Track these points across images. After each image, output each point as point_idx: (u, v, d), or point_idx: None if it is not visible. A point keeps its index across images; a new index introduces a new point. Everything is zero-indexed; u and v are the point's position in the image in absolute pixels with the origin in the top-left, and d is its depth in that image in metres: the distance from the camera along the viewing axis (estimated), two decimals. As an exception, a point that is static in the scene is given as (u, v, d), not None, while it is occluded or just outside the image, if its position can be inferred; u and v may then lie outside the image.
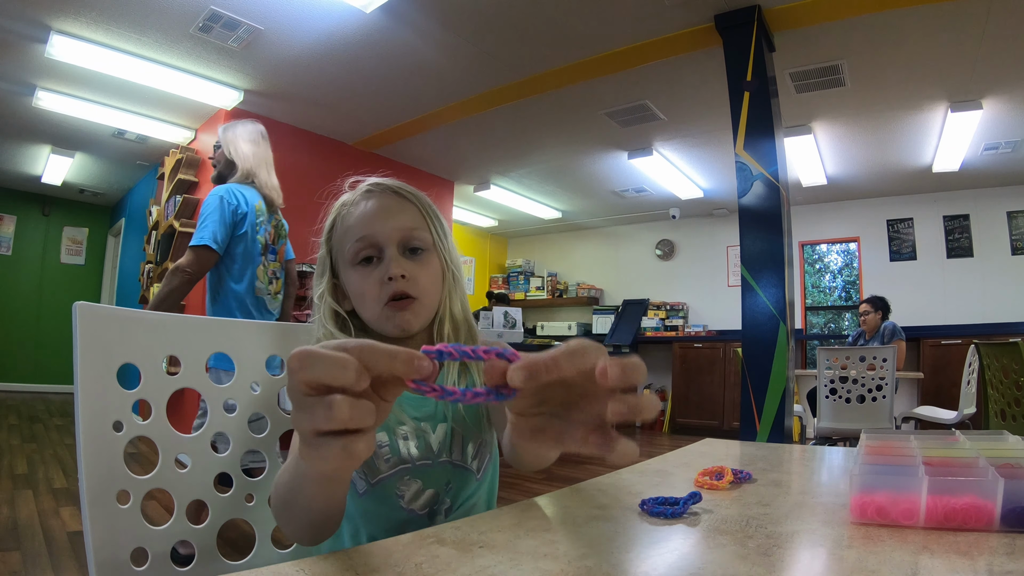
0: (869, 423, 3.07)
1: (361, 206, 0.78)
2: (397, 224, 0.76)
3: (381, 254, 0.75)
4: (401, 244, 0.76)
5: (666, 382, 6.80)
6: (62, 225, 7.47)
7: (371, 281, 0.74)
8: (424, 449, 0.75)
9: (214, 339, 0.77)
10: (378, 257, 0.75)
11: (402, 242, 0.76)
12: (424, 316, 0.77)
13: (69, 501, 2.73)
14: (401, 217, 0.77)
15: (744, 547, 0.45)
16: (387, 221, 0.76)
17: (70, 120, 4.59)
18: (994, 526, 0.48)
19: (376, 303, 0.74)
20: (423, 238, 0.78)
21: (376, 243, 0.75)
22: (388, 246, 0.75)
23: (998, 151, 4.67)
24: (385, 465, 0.73)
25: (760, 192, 3.06)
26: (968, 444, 0.67)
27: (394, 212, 0.77)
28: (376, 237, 0.75)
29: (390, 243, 0.75)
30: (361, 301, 0.76)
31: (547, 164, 5.52)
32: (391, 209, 0.78)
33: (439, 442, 0.76)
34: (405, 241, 0.76)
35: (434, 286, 0.78)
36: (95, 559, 0.61)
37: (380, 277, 0.74)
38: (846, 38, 3.27)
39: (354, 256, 0.76)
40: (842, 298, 6.52)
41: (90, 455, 0.62)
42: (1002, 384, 2.82)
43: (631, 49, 3.49)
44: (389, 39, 3.42)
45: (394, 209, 0.78)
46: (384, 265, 0.74)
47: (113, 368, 0.65)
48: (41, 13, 3.15)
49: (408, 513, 0.73)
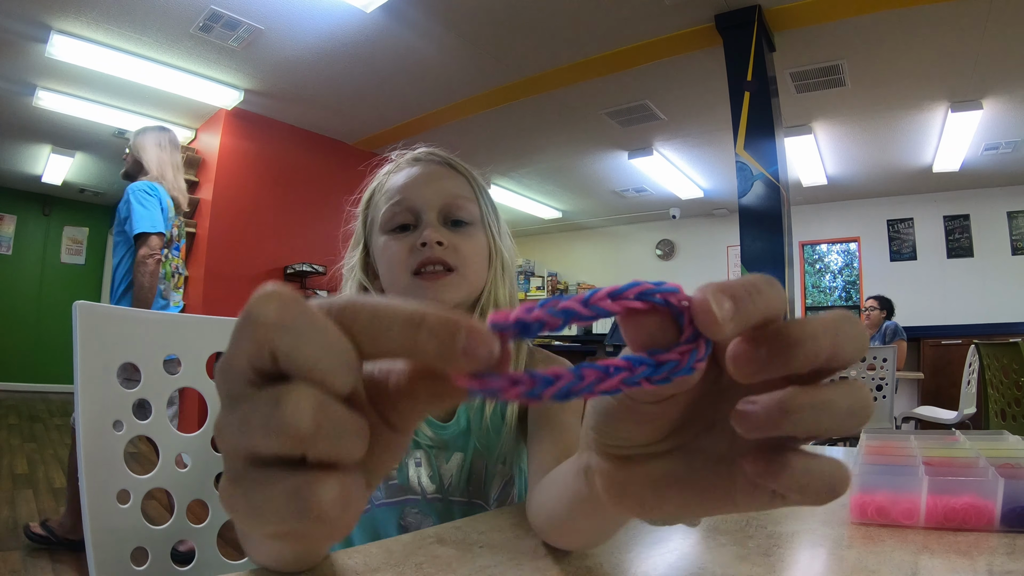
0: (869, 423, 3.06)
1: (404, 172, 0.68)
2: (441, 189, 0.66)
3: (418, 221, 0.64)
4: (443, 212, 0.65)
5: (666, 382, 6.79)
6: (62, 225, 7.47)
7: (401, 246, 0.63)
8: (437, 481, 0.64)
9: (214, 338, 0.77)
10: (415, 225, 0.65)
11: (444, 210, 0.65)
12: (464, 292, 0.64)
13: (69, 501, 2.73)
14: (446, 183, 0.67)
15: (744, 547, 0.45)
16: (430, 185, 0.66)
17: (70, 120, 4.59)
18: (994, 526, 0.48)
19: (404, 272, 0.62)
20: (470, 210, 0.67)
21: (414, 207, 0.64)
22: (427, 211, 0.64)
23: (998, 151, 4.66)
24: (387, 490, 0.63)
25: (760, 192, 3.06)
26: (968, 444, 0.66)
27: (439, 179, 0.67)
28: (414, 201, 0.64)
29: (430, 208, 0.64)
30: (389, 272, 0.65)
31: (547, 164, 5.52)
32: (436, 175, 0.68)
33: (452, 475, 0.64)
34: (448, 210, 0.65)
35: (479, 261, 0.66)
36: (95, 558, 0.61)
37: (412, 242, 0.63)
38: (846, 38, 3.27)
39: (388, 220, 0.65)
40: (842, 298, 6.51)
41: (90, 455, 0.62)
42: (1002, 384, 2.82)
43: (631, 49, 3.49)
44: (389, 39, 3.42)
45: (440, 176, 0.68)
46: (420, 230, 0.63)
47: (113, 367, 0.65)
48: (41, 13, 3.15)
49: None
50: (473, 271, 0.65)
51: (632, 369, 0.18)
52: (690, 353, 0.18)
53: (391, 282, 0.65)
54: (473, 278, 0.65)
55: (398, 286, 0.63)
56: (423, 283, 0.61)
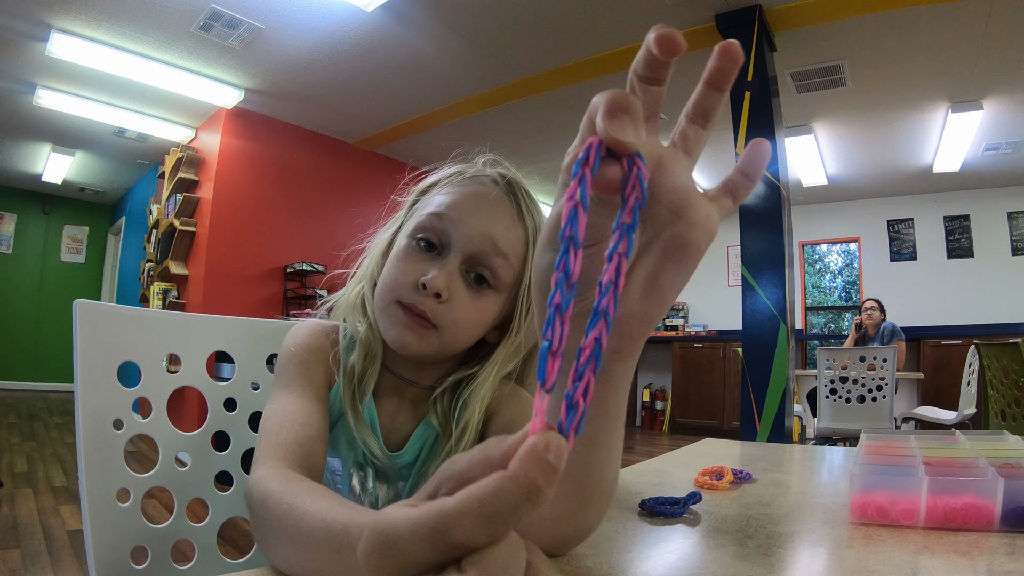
0: (869, 423, 3.07)
1: (470, 187, 0.59)
2: (485, 231, 0.56)
3: (444, 251, 0.57)
4: (470, 259, 0.56)
5: (666, 382, 6.79)
6: (62, 223, 7.47)
7: (410, 267, 0.56)
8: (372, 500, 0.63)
9: (215, 337, 0.77)
10: (439, 252, 0.57)
11: (474, 257, 0.56)
12: (434, 350, 0.57)
13: (69, 499, 2.73)
14: (497, 228, 0.57)
15: (744, 547, 0.45)
16: (478, 221, 0.56)
17: (71, 118, 4.59)
18: (994, 526, 0.48)
19: (390, 292, 0.56)
20: (500, 272, 0.57)
21: (447, 235, 0.56)
22: (455, 250, 0.56)
23: (999, 151, 4.67)
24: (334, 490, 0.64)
25: (761, 192, 3.06)
26: (968, 444, 0.66)
27: (494, 218, 0.57)
28: (453, 227, 0.56)
29: (460, 248, 0.56)
30: (384, 278, 0.58)
31: (548, 163, 5.48)
32: (495, 212, 0.57)
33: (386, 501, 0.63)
34: (477, 258, 0.56)
35: (470, 330, 0.58)
36: (95, 557, 0.61)
37: (420, 273, 0.55)
38: (847, 38, 3.27)
39: (419, 228, 0.57)
40: (842, 298, 6.52)
41: (90, 453, 0.62)
42: (1002, 384, 2.82)
43: (632, 49, 3.49)
44: (390, 38, 3.42)
45: (498, 215, 0.57)
46: (436, 267, 0.55)
47: (113, 366, 0.65)
48: (42, 11, 3.15)
49: None
50: (454, 336, 0.57)
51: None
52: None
53: (381, 287, 0.59)
54: (451, 341, 0.57)
55: (381, 299, 0.58)
56: (399, 316, 0.56)
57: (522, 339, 0.61)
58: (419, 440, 0.62)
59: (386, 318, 0.57)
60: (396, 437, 0.62)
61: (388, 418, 0.63)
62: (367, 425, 0.61)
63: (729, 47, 0.27)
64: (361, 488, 0.64)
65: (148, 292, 4.91)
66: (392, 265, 0.58)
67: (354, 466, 0.63)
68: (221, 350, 0.77)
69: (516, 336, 0.60)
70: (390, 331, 0.57)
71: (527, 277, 0.59)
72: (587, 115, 0.26)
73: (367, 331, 0.62)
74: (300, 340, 0.62)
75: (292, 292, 4.68)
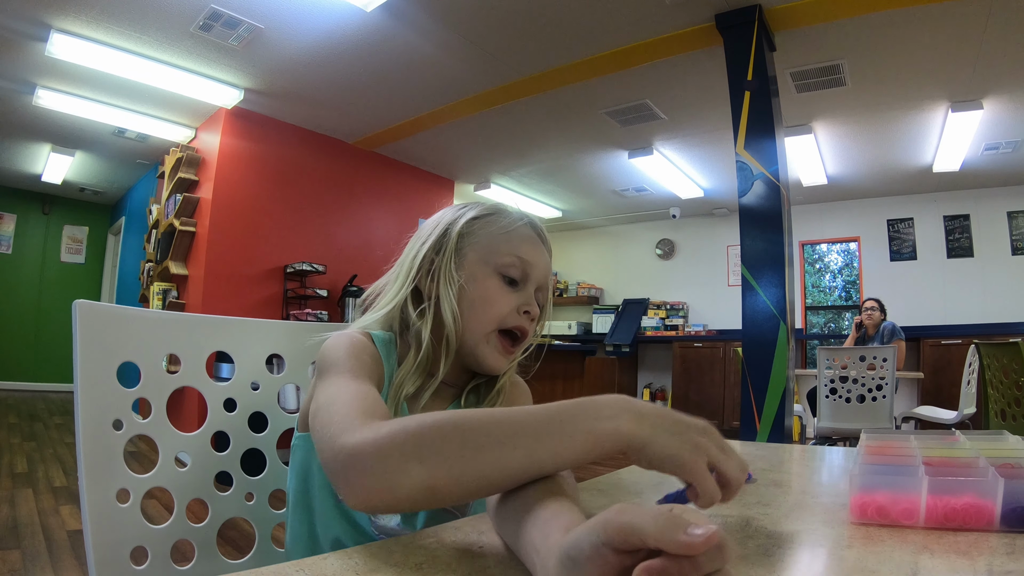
0: (869, 423, 3.07)
1: (524, 229, 0.74)
2: (545, 269, 0.74)
3: (524, 284, 0.71)
4: (537, 291, 0.73)
5: (666, 382, 6.80)
6: (62, 224, 7.47)
7: (509, 299, 0.70)
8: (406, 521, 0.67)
9: (214, 337, 0.77)
10: (520, 286, 0.71)
11: (538, 289, 0.73)
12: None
13: (69, 500, 2.73)
14: (546, 263, 0.75)
15: (744, 547, 0.45)
16: (539, 259, 0.73)
17: (70, 119, 4.59)
18: (994, 526, 0.48)
19: (494, 321, 0.69)
20: (545, 297, 0.75)
21: (526, 272, 0.71)
22: (532, 283, 0.72)
23: (999, 151, 4.67)
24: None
25: (760, 192, 3.06)
26: (968, 444, 0.66)
27: (543, 254, 0.75)
28: (534, 268, 0.71)
29: (534, 281, 0.72)
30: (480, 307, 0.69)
31: (547, 163, 5.52)
32: (542, 251, 0.75)
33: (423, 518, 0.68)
34: (540, 287, 0.73)
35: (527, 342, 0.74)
36: (95, 558, 0.61)
37: (521, 302, 0.70)
38: (846, 38, 3.27)
39: (507, 266, 0.70)
40: (842, 298, 6.52)
41: (90, 453, 0.62)
42: (1002, 384, 2.82)
43: (632, 48, 3.49)
44: (389, 38, 3.42)
45: (543, 252, 0.75)
46: (527, 296, 0.71)
47: (113, 366, 0.65)
48: (41, 11, 3.15)
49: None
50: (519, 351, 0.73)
51: None
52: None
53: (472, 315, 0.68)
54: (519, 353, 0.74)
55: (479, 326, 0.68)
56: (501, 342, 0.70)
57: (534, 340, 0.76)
58: None
59: (482, 341, 0.69)
60: None
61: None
62: None
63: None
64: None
65: (148, 292, 4.91)
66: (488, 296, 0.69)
67: None
68: (221, 350, 0.77)
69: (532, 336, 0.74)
70: (488, 354, 0.69)
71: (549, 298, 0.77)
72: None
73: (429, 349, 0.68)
74: (351, 343, 0.64)
75: (292, 292, 4.68)
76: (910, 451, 0.64)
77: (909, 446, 0.67)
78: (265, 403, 0.81)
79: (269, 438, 0.81)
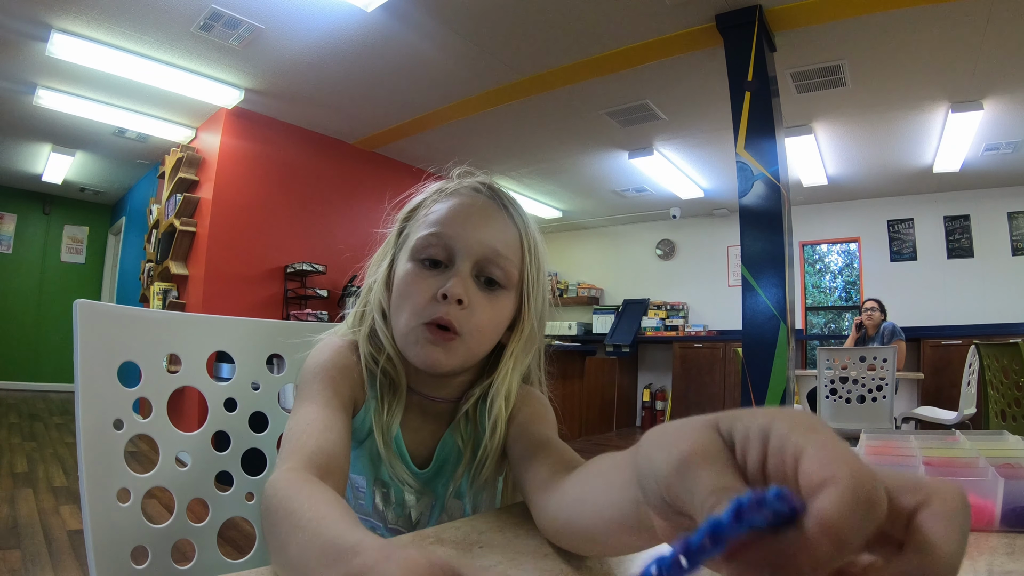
0: (869, 423, 3.07)
1: (457, 199, 0.62)
2: (485, 238, 0.59)
3: (451, 263, 0.59)
4: (478, 264, 0.59)
5: (666, 382, 6.80)
6: (63, 224, 7.47)
7: (423, 285, 0.58)
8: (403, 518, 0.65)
9: (215, 337, 0.77)
10: (446, 264, 0.60)
11: (480, 262, 0.59)
12: (461, 360, 0.60)
13: (69, 499, 2.73)
14: (494, 230, 0.60)
15: (744, 547, 0.45)
16: (476, 229, 0.60)
17: (71, 119, 4.59)
18: (994, 526, 0.48)
19: (414, 315, 0.58)
20: (508, 271, 0.60)
21: (450, 248, 0.59)
22: (462, 259, 0.59)
23: (999, 151, 4.66)
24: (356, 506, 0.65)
25: (761, 192, 3.06)
26: (968, 444, 0.66)
27: (489, 223, 0.61)
28: (453, 240, 0.59)
29: (466, 256, 0.59)
30: (399, 304, 0.60)
31: (547, 163, 5.52)
32: (486, 215, 0.61)
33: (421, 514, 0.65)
34: (484, 263, 0.59)
35: (491, 331, 0.61)
36: (95, 557, 0.61)
37: (435, 287, 0.58)
38: (847, 38, 3.27)
39: (420, 248, 0.60)
40: (842, 298, 6.52)
41: (90, 453, 0.62)
42: (1002, 384, 2.82)
43: (632, 49, 3.49)
44: (390, 38, 3.42)
45: (491, 220, 0.61)
46: (447, 278, 0.58)
47: (113, 366, 0.65)
48: (42, 12, 3.15)
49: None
50: (478, 341, 0.60)
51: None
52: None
53: (398, 313, 0.60)
54: (475, 347, 0.60)
55: (402, 324, 0.59)
56: (424, 335, 0.58)
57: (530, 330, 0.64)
58: (442, 453, 0.65)
59: (411, 341, 0.59)
60: (421, 452, 0.65)
61: (412, 434, 0.64)
62: (395, 452, 0.62)
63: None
64: (384, 504, 0.65)
65: (148, 292, 4.91)
66: (404, 289, 0.60)
67: (377, 483, 0.65)
68: (221, 350, 0.77)
69: (525, 328, 0.64)
70: (418, 352, 0.58)
71: (527, 274, 0.63)
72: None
73: (386, 362, 0.62)
74: (326, 357, 0.61)
75: (292, 292, 4.68)
76: (910, 451, 0.64)
77: (909, 446, 0.67)
78: (265, 403, 0.81)
79: (269, 438, 0.81)
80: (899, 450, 0.66)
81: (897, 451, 0.65)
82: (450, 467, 0.65)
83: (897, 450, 0.66)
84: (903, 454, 0.63)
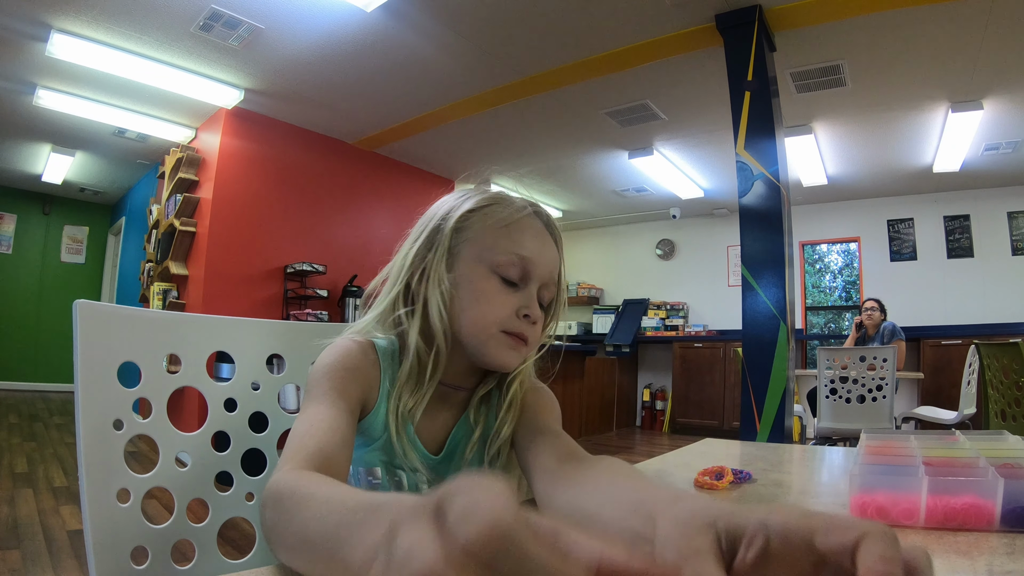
0: (869, 423, 3.07)
1: (527, 221, 0.67)
2: (549, 264, 0.67)
3: (525, 285, 0.66)
4: (541, 290, 0.67)
5: (666, 382, 6.79)
6: (62, 224, 7.47)
7: (505, 300, 0.64)
8: None
9: (215, 337, 0.77)
10: (520, 286, 0.66)
11: (543, 288, 0.67)
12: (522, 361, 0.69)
13: (69, 500, 2.73)
14: (550, 259, 0.68)
15: (744, 547, 0.45)
16: (546, 255, 0.67)
17: (71, 119, 4.59)
18: (994, 526, 0.48)
19: (495, 324, 0.64)
20: (552, 296, 0.70)
21: (529, 273, 0.65)
22: (534, 284, 0.66)
23: (999, 151, 4.67)
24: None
25: (761, 192, 3.06)
26: (968, 444, 0.66)
27: (547, 250, 0.68)
28: (535, 266, 0.65)
29: (536, 281, 0.66)
30: (473, 307, 0.64)
31: (547, 163, 5.52)
32: (546, 245, 0.68)
33: None
34: (543, 289, 0.68)
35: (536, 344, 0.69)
36: (95, 558, 0.61)
37: (520, 305, 0.64)
38: (847, 38, 3.27)
39: (504, 265, 0.64)
40: (842, 298, 6.52)
41: (90, 453, 0.62)
42: (1002, 384, 2.82)
43: (632, 49, 3.49)
44: (390, 38, 3.42)
45: (548, 247, 0.68)
46: (527, 297, 0.65)
47: (113, 366, 0.65)
48: (42, 12, 3.15)
49: None
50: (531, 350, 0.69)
51: None
52: None
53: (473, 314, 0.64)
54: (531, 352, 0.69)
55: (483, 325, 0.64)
56: (510, 343, 0.65)
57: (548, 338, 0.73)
58: (455, 439, 0.69)
59: (492, 344, 0.65)
60: (434, 439, 0.68)
61: (427, 422, 0.67)
62: (409, 441, 0.65)
63: None
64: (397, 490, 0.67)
65: (148, 292, 4.91)
66: (483, 296, 0.65)
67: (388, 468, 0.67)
68: (221, 350, 0.77)
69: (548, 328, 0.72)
70: (496, 355, 0.65)
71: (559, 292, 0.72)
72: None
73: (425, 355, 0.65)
74: (335, 359, 0.63)
75: (292, 292, 4.68)
76: (910, 451, 0.64)
77: (909, 446, 0.67)
78: (265, 403, 0.81)
79: (269, 438, 0.81)
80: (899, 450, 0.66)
81: (897, 451, 0.65)
82: (461, 452, 0.69)
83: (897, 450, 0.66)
84: (903, 454, 0.63)
